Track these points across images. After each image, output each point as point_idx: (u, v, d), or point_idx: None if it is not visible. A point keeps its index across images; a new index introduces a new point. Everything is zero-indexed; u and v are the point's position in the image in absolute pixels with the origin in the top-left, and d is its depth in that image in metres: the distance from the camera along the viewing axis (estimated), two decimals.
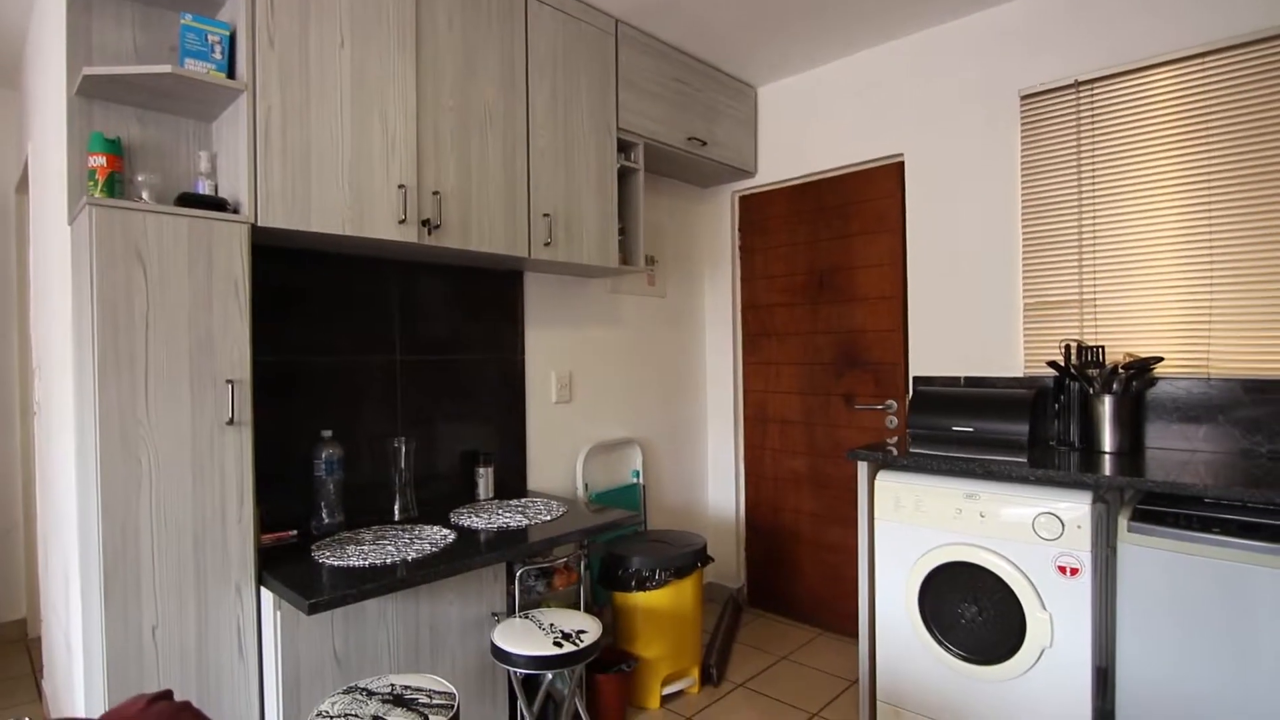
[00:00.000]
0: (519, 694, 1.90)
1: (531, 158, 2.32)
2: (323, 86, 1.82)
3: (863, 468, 2.35)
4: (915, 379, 2.83)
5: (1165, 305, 2.25)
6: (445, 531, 2.00)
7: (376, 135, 1.92)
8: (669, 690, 2.53)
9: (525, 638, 1.85)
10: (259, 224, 1.72)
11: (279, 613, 1.63)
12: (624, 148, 2.73)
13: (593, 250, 2.51)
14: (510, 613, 2.05)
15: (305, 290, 2.11)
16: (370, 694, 1.56)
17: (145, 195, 1.70)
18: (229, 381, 1.64)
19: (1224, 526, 1.67)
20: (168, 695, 0.94)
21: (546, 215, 2.35)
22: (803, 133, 3.21)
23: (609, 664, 2.42)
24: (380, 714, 1.47)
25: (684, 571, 2.48)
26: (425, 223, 2.01)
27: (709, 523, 3.61)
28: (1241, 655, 1.65)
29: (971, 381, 2.67)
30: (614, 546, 2.57)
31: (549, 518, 2.16)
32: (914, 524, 2.20)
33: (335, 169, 1.84)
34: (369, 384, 2.24)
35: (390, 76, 1.95)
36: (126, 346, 1.52)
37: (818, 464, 3.21)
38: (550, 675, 1.94)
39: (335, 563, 1.74)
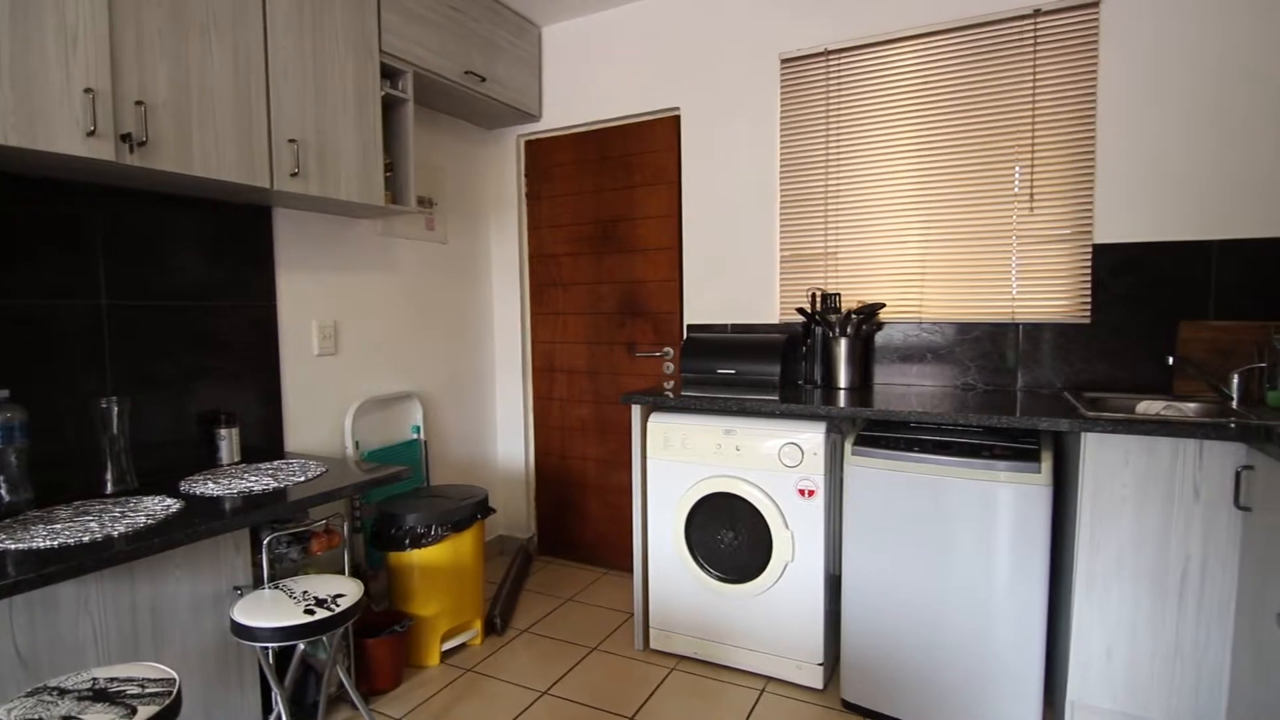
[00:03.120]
0: (268, 671, 1.74)
1: (272, 74, 2.03)
2: None
3: (636, 411, 2.44)
4: (689, 326, 2.98)
5: (890, 258, 2.56)
6: (169, 501, 1.74)
7: (50, 24, 1.55)
8: (450, 645, 2.48)
9: (272, 609, 1.68)
10: None
11: None
12: (390, 75, 2.49)
13: (352, 185, 2.28)
14: (258, 584, 1.85)
15: None
16: (63, 693, 1.32)
17: None
18: None
19: (923, 446, 1.96)
20: None
21: (293, 141, 2.08)
22: (587, 78, 3.17)
23: (383, 627, 2.31)
24: (73, 713, 1.25)
25: (463, 525, 2.41)
26: (125, 138, 1.67)
27: (499, 475, 3.56)
28: (938, 552, 1.96)
29: (737, 328, 2.86)
30: (387, 505, 2.43)
31: (303, 479, 1.97)
32: (681, 461, 2.33)
33: None
34: (65, 334, 1.86)
35: None
36: None
37: (603, 411, 3.29)
38: (302, 646, 1.79)
39: (11, 546, 1.44)
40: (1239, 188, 2.10)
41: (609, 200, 3.19)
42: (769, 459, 2.17)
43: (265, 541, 1.85)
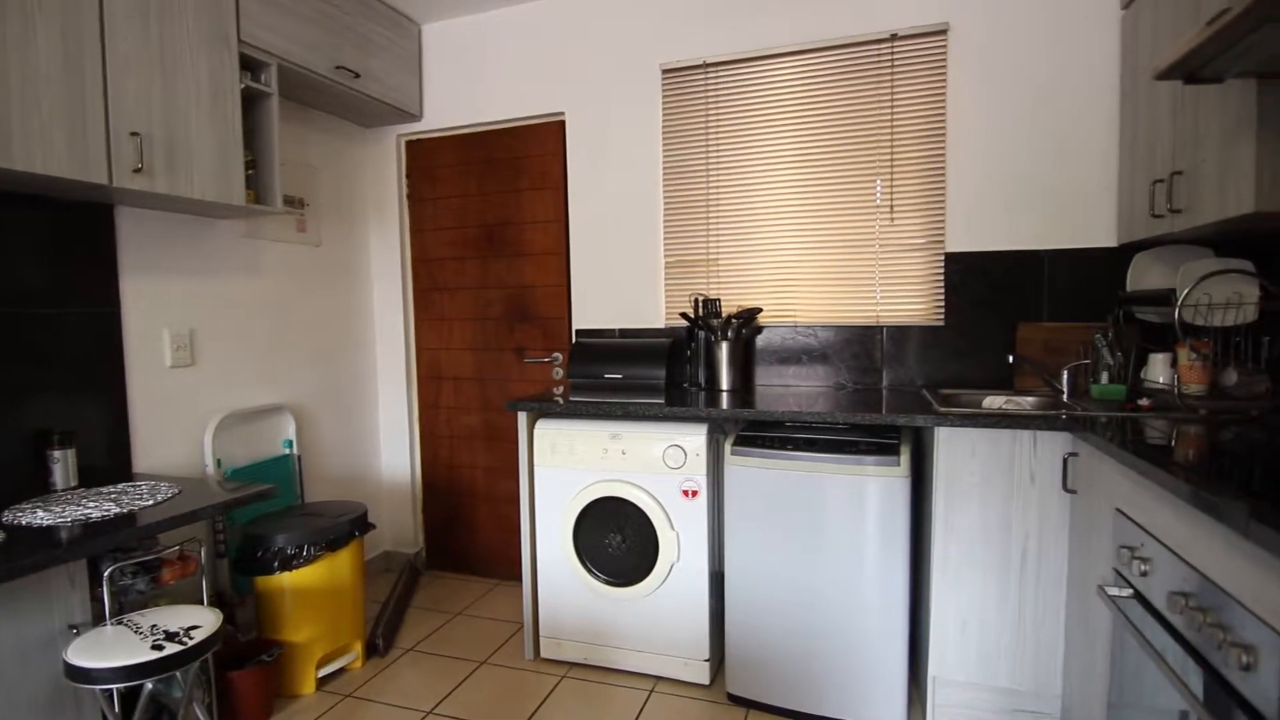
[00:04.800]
0: (110, 718, 1.58)
1: (110, 63, 1.85)
2: None
3: (522, 418, 2.41)
4: (578, 331, 2.98)
5: (767, 264, 2.67)
6: None
7: None
8: (327, 670, 2.35)
9: (114, 647, 1.53)
10: None
11: None
12: (252, 67, 2.34)
13: (207, 183, 2.12)
14: (99, 621, 1.68)
15: None
16: None
17: None
18: None
19: (797, 444, 2.05)
20: None
21: (136, 135, 1.91)
22: (471, 79, 3.10)
23: (251, 657, 2.16)
24: None
25: (339, 543, 2.29)
26: None
27: (383, 489, 3.41)
28: (813, 544, 2.05)
29: (625, 333, 2.89)
30: (254, 526, 2.27)
31: (152, 502, 1.80)
32: (569, 467, 2.32)
33: None
34: None
35: None
36: None
37: (492, 418, 3.22)
38: (150, 686, 1.65)
39: None
40: (1065, 202, 2.34)
41: (495, 203, 3.14)
42: (654, 461, 2.21)
43: (106, 573, 1.68)
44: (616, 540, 2.29)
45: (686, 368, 2.69)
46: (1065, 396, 2.19)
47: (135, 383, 2.23)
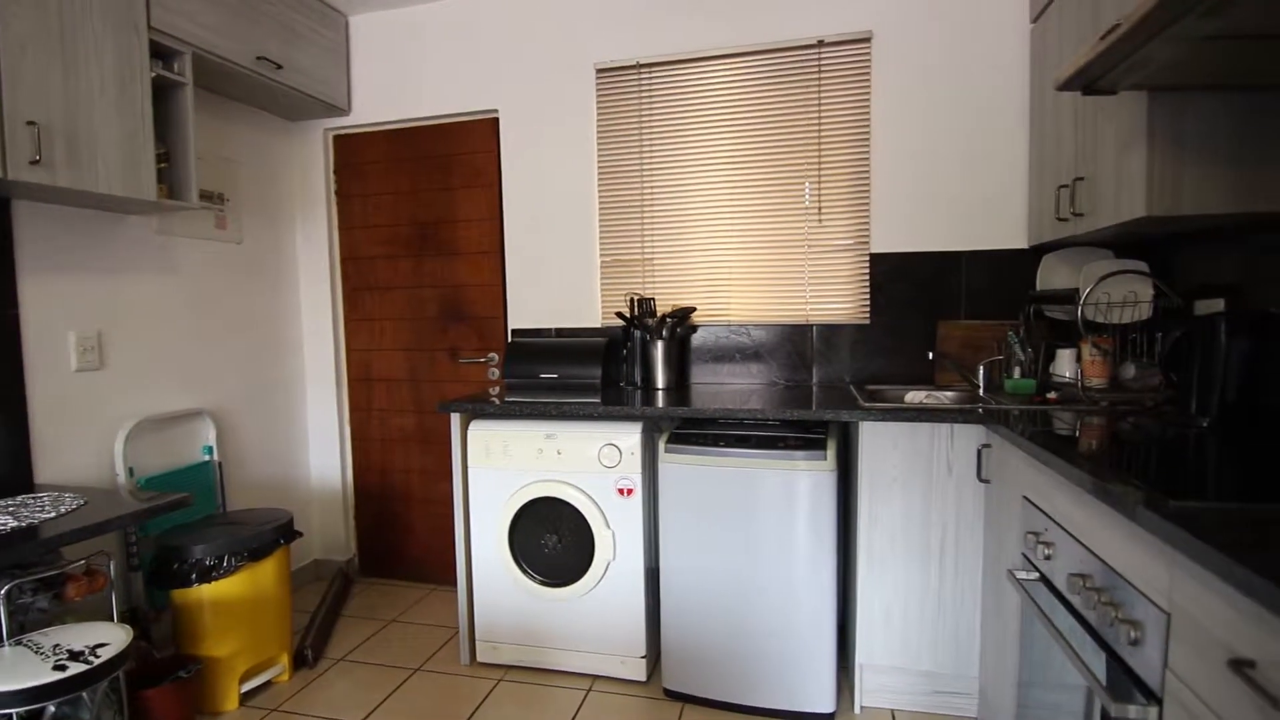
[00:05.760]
0: None
1: (3, 46, 1.74)
2: None
3: (455, 419, 2.37)
4: (513, 331, 2.95)
5: (701, 264, 2.71)
6: None
7: None
8: (252, 685, 2.26)
9: (13, 670, 1.45)
10: None
11: None
12: (164, 55, 2.23)
13: (114, 177, 2.01)
14: None
15: None
16: None
17: None
18: None
19: (729, 440, 2.09)
20: None
21: (33, 124, 1.79)
22: (401, 74, 3.03)
23: (167, 674, 2.05)
24: None
25: (262, 552, 2.21)
26: None
27: (312, 495, 3.30)
28: (744, 538, 2.09)
29: (561, 332, 2.89)
30: (170, 537, 2.17)
31: (54, 514, 1.70)
32: (503, 468, 2.30)
33: None
34: None
35: None
36: None
37: (426, 421, 3.16)
38: (53, 709, 1.55)
39: None
40: (981, 205, 2.46)
41: (427, 201, 3.08)
42: (589, 461, 2.21)
43: (2, 591, 1.57)
44: (553, 540, 2.29)
45: (622, 367, 2.71)
46: (981, 391, 2.30)
47: (36, 388, 2.10)
